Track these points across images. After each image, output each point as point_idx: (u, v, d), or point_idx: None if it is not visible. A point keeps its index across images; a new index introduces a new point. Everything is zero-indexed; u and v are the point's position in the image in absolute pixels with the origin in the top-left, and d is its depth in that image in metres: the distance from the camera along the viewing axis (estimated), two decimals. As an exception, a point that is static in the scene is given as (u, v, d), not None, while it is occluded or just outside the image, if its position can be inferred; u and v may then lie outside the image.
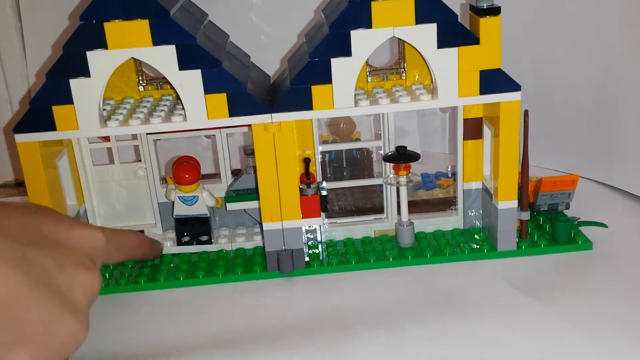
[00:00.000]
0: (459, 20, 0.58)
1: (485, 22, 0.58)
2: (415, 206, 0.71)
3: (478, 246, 0.66)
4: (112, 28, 0.56)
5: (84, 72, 0.58)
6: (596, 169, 0.80)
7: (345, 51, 0.58)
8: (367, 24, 0.57)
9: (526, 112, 0.62)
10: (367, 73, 0.66)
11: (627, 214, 0.73)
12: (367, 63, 0.65)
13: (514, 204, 0.64)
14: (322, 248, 0.68)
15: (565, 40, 0.79)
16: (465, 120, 0.66)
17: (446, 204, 0.72)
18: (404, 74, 0.66)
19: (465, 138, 0.67)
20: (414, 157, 0.65)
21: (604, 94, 0.78)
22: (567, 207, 0.68)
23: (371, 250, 0.66)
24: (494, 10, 0.58)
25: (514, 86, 0.60)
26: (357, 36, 0.58)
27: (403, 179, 0.66)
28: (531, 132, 0.63)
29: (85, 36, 0.57)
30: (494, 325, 0.55)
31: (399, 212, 0.68)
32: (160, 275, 0.65)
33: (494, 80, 0.60)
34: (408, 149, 0.66)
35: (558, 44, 0.80)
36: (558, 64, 0.81)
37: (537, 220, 0.70)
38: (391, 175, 0.67)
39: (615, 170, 0.79)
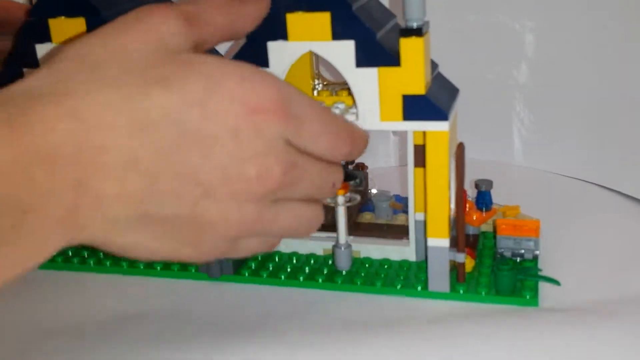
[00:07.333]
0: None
1: (405, 43, 0.53)
2: (378, 230, 0.68)
3: (411, 281, 0.61)
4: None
5: None
6: (594, 170, 0.79)
7: (263, 62, 0.57)
8: (284, 36, 0.56)
9: (460, 146, 0.56)
10: (314, 86, 0.63)
11: (626, 216, 0.72)
12: (318, 75, 0.63)
13: (445, 242, 0.58)
14: (260, 259, 0.67)
15: (565, 42, 0.78)
16: (416, 147, 0.62)
17: (406, 232, 0.67)
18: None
19: (416, 165, 0.62)
20: (352, 176, 0.62)
21: (602, 96, 0.77)
22: (535, 258, 0.61)
23: (300, 269, 0.65)
24: (416, 31, 0.53)
25: (439, 115, 0.55)
26: (274, 48, 0.56)
27: (341, 199, 0.63)
28: (530, 132, 0.58)
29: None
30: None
31: (350, 233, 0.65)
32: (107, 260, 0.68)
33: (418, 107, 0.55)
34: (355, 168, 0.63)
35: (557, 46, 0.78)
36: (557, 65, 0.79)
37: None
38: (330, 194, 0.64)
39: (614, 172, 0.77)
